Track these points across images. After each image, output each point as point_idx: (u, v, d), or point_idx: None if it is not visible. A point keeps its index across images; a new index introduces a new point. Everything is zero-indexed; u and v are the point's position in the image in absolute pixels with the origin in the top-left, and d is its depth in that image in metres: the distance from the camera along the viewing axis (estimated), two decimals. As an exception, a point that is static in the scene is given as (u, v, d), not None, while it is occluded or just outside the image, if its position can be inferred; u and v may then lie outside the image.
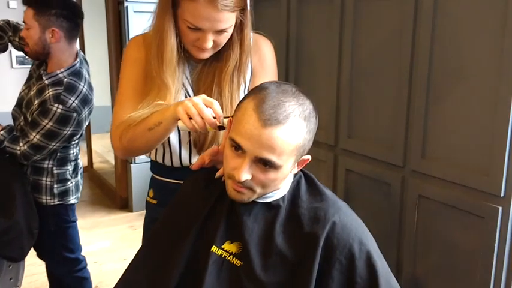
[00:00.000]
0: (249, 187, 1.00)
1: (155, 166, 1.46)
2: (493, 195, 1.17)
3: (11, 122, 2.06)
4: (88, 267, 2.23)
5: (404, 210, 1.42)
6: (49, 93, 1.87)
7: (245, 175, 0.96)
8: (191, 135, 1.35)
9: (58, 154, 1.99)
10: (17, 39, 2.07)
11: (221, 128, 1.11)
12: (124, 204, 3.97)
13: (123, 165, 3.89)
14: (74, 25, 1.95)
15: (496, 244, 1.18)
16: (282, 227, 1.04)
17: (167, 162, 1.40)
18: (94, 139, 4.80)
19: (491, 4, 1.14)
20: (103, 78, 4.02)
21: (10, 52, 5.80)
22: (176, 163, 1.39)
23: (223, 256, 1.03)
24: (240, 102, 1.03)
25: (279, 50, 1.44)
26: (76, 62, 1.98)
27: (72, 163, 2.07)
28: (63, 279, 2.15)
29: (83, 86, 1.94)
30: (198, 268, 1.03)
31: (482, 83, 1.18)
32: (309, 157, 1.06)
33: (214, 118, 1.09)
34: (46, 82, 1.91)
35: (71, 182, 2.06)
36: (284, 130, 0.94)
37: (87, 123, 2.01)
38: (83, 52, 4.53)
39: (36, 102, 1.89)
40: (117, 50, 3.70)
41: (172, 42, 1.24)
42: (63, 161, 2.02)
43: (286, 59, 1.82)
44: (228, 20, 1.20)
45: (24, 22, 1.91)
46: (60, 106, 1.84)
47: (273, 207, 1.06)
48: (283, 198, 1.07)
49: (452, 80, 1.25)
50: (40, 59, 1.96)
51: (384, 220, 1.48)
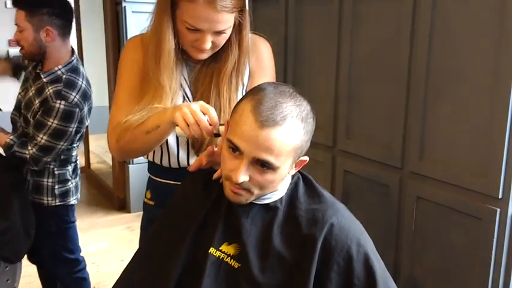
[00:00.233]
0: (247, 188, 0.99)
1: (152, 167, 1.46)
2: (491, 196, 1.17)
3: (10, 124, 2.05)
4: (85, 272, 2.22)
5: (402, 211, 1.42)
6: (49, 91, 1.86)
7: (243, 177, 0.96)
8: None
9: (61, 155, 1.98)
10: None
11: (217, 136, 1.13)
12: (122, 205, 3.96)
13: (120, 166, 3.89)
14: (67, 22, 1.94)
15: (494, 245, 1.18)
16: (280, 229, 1.04)
17: (165, 163, 1.40)
18: (92, 140, 4.80)
19: (489, 6, 1.14)
20: (101, 78, 4.01)
21: (8, 52, 5.78)
22: (174, 164, 1.38)
23: (221, 258, 1.03)
24: (238, 103, 1.03)
25: (277, 51, 1.44)
26: (73, 59, 1.97)
27: (72, 164, 2.07)
28: (62, 280, 2.14)
29: (82, 82, 1.94)
30: (196, 270, 1.03)
31: (480, 85, 1.18)
32: (307, 158, 1.06)
33: (210, 125, 1.10)
34: (45, 80, 1.90)
35: (71, 183, 2.06)
36: (281, 131, 0.93)
37: (88, 121, 2.01)
38: (81, 52, 4.54)
39: (37, 101, 1.88)
40: (115, 51, 3.70)
41: (170, 43, 1.24)
42: (64, 162, 2.02)
43: (284, 60, 1.82)
44: (227, 21, 1.20)
45: (16, 24, 1.89)
46: (62, 102, 1.84)
47: (271, 208, 1.06)
48: (281, 199, 1.07)
49: (450, 82, 1.25)
50: (36, 60, 1.95)
51: (382, 221, 1.48)
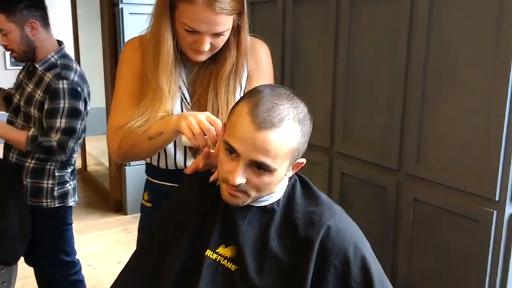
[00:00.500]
0: (244, 191, 0.99)
1: (150, 169, 1.46)
2: (488, 199, 1.17)
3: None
4: (82, 270, 2.22)
5: (399, 213, 1.42)
6: (48, 77, 1.91)
7: (239, 179, 0.96)
8: None
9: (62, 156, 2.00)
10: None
11: None
12: (118, 207, 3.95)
13: (117, 167, 3.88)
14: (44, 11, 1.97)
15: (491, 248, 1.18)
16: (277, 231, 1.03)
17: (162, 165, 1.40)
18: (88, 141, 4.78)
19: (486, 8, 1.14)
20: (98, 80, 4.01)
21: (4, 53, 5.78)
22: (171, 166, 1.38)
23: (217, 260, 1.02)
24: (235, 105, 1.02)
25: (275, 53, 1.45)
26: (63, 46, 2.02)
27: (72, 166, 2.09)
28: (58, 283, 2.13)
29: (76, 65, 1.99)
30: (193, 272, 1.02)
31: (476, 88, 1.18)
32: (304, 160, 1.05)
33: (216, 136, 1.10)
34: (41, 69, 1.94)
35: (70, 185, 2.08)
36: (278, 133, 0.93)
37: (89, 108, 2.03)
38: (78, 54, 4.53)
39: (38, 91, 1.91)
40: (112, 52, 3.69)
41: (168, 44, 1.24)
42: (65, 164, 2.04)
43: (281, 62, 1.82)
44: (226, 23, 1.20)
45: None
46: (64, 81, 1.88)
47: (268, 211, 1.05)
48: (278, 202, 1.07)
49: (447, 84, 1.25)
50: (29, 58, 1.98)
51: (379, 223, 1.48)
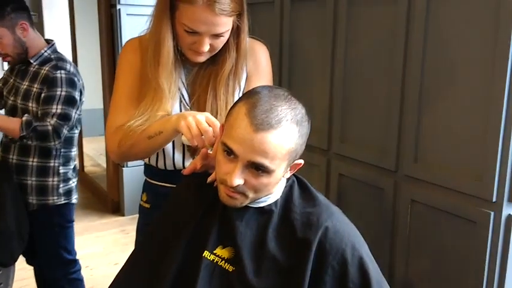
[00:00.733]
0: (242, 192, 0.99)
1: (148, 170, 1.46)
2: (485, 200, 1.17)
3: None
4: (81, 273, 2.22)
5: (396, 214, 1.42)
6: (45, 70, 1.94)
7: (237, 180, 0.96)
8: None
9: (62, 151, 2.03)
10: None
11: None
12: (116, 208, 3.94)
13: (115, 168, 3.87)
14: (28, 11, 1.99)
15: (488, 249, 1.18)
16: (275, 232, 1.03)
17: (160, 165, 1.40)
18: (86, 142, 4.77)
19: (483, 7, 1.14)
20: (95, 81, 4.00)
21: (0, 55, 5.76)
22: (169, 166, 1.38)
23: (215, 261, 1.02)
24: (232, 106, 1.02)
25: (272, 55, 1.45)
26: (54, 42, 2.05)
27: (73, 163, 2.12)
28: (58, 282, 2.13)
29: (68, 59, 2.04)
30: (190, 273, 1.02)
31: (474, 89, 1.18)
32: (302, 161, 1.05)
33: (214, 137, 1.11)
34: (35, 63, 1.97)
35: (73, 182, 2.11)
36: (276, 134, 0.93)
37: (83, 99, 2.06)
38: (75, 55, 4.52)
39: (35, 85, 1.93)
40: (109, 53, 3.69)
41: (168, 45, 1.25)
42: (66, 159, 2.07)
43: (279, 63, 1.82)
44: (225, 24, 1.21)
45: None
46: (62, 71, 1.93)
47: (266, 212, 1.05)
48: (275, 203, 1.07)
49: (444, 85, 1.26)
50: (23, 60, 1.99)
51: (377, 224, 1.48)
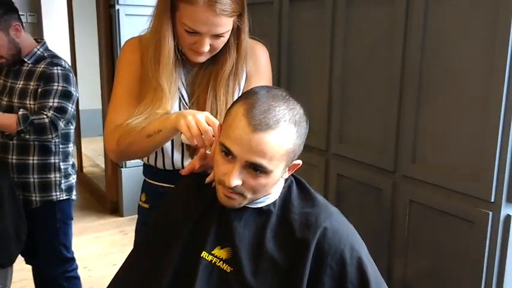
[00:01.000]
0: (240, 193, 0.99)
1: (147, 169, 1.46)
2: (484, 200, 1.17)
3: None
4: (78, 272, 2.21)
5: (395, 215, 1.42)
6: (40, 67, 1.96)
7: (235, 181, 0.96)
8: None
9: (61, 147, 2.05)
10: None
11: None
12: (114, 208, 3.94)
13: (113, 169, 3.87)
14: (18, 13, 1.99)
15: (487, 249, 1.18)
16: (273, 233, 1.03)
17: (159, 165, 1.39)
18: (84, 143, 4.76)
19: (481, 6, 1.14)
20: (94, 81, 4.00)
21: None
22: (168, 166, 1.38)
23: (213, 262, 1.02)
24: (230, 107, 1.02)
25: (271, 55, 1.45)
26: (45, 41, 2.07)
27: (71, 159, 2.14)
28: (56, 280, 2.13)
29: (60, 56, 2.06)
30: (188, 274, 1.02)
31: (473, 89, 1.18)
32: (300, 162, 1.05)
33: (213, 137, 1.11)
34: (30, 62, 1.98)
35: (73, 178, 2.14)
36: (274, 135, 0.93)
37: (78, 95, 2.07)
38: (74, 55, 4.52)
39: (31, 82, 1.95)
40: (108, 54, 3.68)
41: (169, 44, 1.25)
42: (65, 155, 2.08)
43: (278, 64, 1.82)
44: (226, 25, 1.21)
45: None
46: (58, 67, 1.96)
47: (264, 212, 1.05)
48: (274, 203, 1.06)
49: (443, 86, 1.26)
50: (17, 60, 1.99)
51: (375, 225, 1.48)
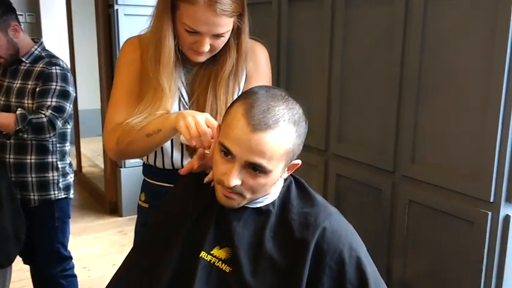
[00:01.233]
0: (239, 192, 0.99)
1: (147, 169, 1.46)
2: (483, 200, 1.17)
3: None
4: (77, 272, 2.23)
5: (394, 215, 1.42)
6: (39, 66, 1.97)
7: (235, 180, 0.96)
8: None
9: (58, 146, 2.04)
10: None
11: None
12: (113, 208, 3.93)
13: (112, 169, 3.86)
14: (16, 13, 1.99)
15: (486, 249, 1.18)
16: (272, 233, 1.03)
17: (159, 164, 1.39)
18: (83, 143, 4.75)
19: (480, 6, 1.14)
20: (92, 81, 3.99)
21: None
22: (168, 165, 1.38)
23: (212, 262, 1.02)
24: (230, 106, 1.02)
25: (270, 55, 1.45)
26: (42, 41, 2.07)
27: (68, 158, 2.14)
28: (54, 279, 2.13)
29: (58, 56, 2.06)
30: (187, 274, 1.02)
31: (472, 89, 1.18)
32: (299, 162, 1.05)
33: (212, 139, 1.11)
34: (28, 61, 1.98)
35: (70, 177, 2.14)
36: (274, 135, 0.93)
37: (74, 94, 2.07)
38: (73, 55, 4.51)
39: (29, 82, 1.95)
40: (107, 53, 3.68)
41: (170, 44, 1.25)
42: (62, 154, 2.08)
43: (277, 64, 1.82)
44: (226, 25, 1.21)
45: None
46: (57, 67, 1.97)
47: (263, 212, 1.05)
48: (273, 203, 1.06)
49: (442, 86, 1.25)
50: (14, 60, 1.99)
51: (374, 225, 1.48)
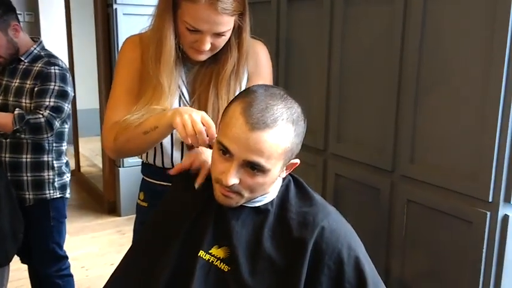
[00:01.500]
0: (237, 191, 0.99)
1: (146, 168, 1.46)
2: (481, 200, 1.17)
3: None
4: (75, 272, 2.22)
5: (393, 214, 1.42)
6: (38, 66, 1.96)
7: (233, 179, 0.95)
8: None
9: (54, 145, 2.04)
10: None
11: (211, 148, 1.13)
12: (112, 208, 3.93)
13: (111, 169, 3.86)
14: (16, 13, 1.99)
15: (484, 249, 1.18)
16: (271, 232, 1.03)
17: (158, 163, 1.39)
18: (82, 142, 4.75)
19: (480, 6, 1.14)
20: (91, 81, 3.99)
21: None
22: (167, 164, 1.38)
23: (210, 261, 1.02)
24: (228, 105, 1.02)
25: (269, 54, 1.45)
26: (41, 40, 2.07)
27: (65, 157, 2.13)
28: (51, 279, 2.12)
29: (57, 56, 2.06)
30: (185, 273, 1.02)
31: (471, 89, 1.18)
32: (298, 161, 1.05)
33: (207, 137, 1.11)
34: (27, 61, 1.97)
35: (67, 176, 2.13)
36: (272, 134, 0.93)
37: (73, 93, 2.07)
38: (71, 55, 4.51)
39: (27, 81, 1.94)
40: (105, 53, 3.68)
41: (171, 42, 1.25)
42: (58, 154, 2.08)
43: (276, 63, 1.82)
44: (227, 23, 1.22)
45: None
46: (56, 67, 1.96)
47: (262, 211, 1.05)
48: (271, 202, 1.06)
49: (441, 86, 1.25)
50: (14, 59, 1.98)
51: (373, 225, 1.48)
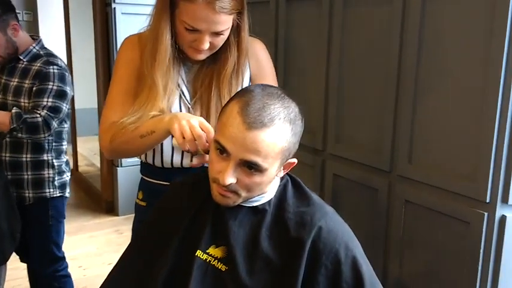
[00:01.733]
0: (234, 191, 0.98)
1: (145, 167, 1.45)
2: (479, 201, 1.17)
3: None
4: (72, 271, 2.22)
5: (390, 215, 1.42)
6: (36, 65, 1.95)
7: (230, 179, 0.95)
8: None
9: (54, 144, 2.03)
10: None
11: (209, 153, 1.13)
12: (110, 208, 3.93)
13: (109, 168, 3.85)
14: (15, 12, 1.98)
15: (482, 249, 1.18)
16: (268, 232, 1.03)
17: (157, 163, 1.39)
18: (80, 142, 4.75)
19: (479, 7, 1.14)
20: (89, 80, 3.99)
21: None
22: (167, 164, 1.38)
23: (207, 261, 1.02)
24: (225, 104, 1.02)
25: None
26: (41, 39, 2.06)
27: (65, 156, 2.13)
28: (49, 279, 2.12)
29: (56, 55, 2.05)
30: (183, 273, 1.02)
31: (469, 90, 1.18)
32: (295, 160, 1.05)
33: (207, 142, 1.11)
34: (25, 60, 1.97)
35: (67, 176, 2.13)
36: (269, 133, 0.93)
37: (72, 93, 2.07)
38: (70, 54, 4.51)
39: (26, 81, 1.94)
40: (104, 52, 3.67)
41: (166, 41, 1.25)
42: (58, 153, 2.07)
43: (274, 63, 1.81)
44: (225, 22, 1.21)
45: None
46: (54, 67, 1.95)
47: (259, 211, 1.05)
48: (269, 202, 1.06)
49: (439, 86, 1.25)
50: (13, 58, 1.98)
51: (371, 225, 1.48)
